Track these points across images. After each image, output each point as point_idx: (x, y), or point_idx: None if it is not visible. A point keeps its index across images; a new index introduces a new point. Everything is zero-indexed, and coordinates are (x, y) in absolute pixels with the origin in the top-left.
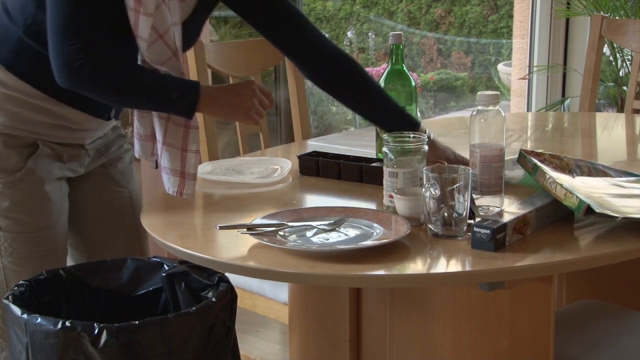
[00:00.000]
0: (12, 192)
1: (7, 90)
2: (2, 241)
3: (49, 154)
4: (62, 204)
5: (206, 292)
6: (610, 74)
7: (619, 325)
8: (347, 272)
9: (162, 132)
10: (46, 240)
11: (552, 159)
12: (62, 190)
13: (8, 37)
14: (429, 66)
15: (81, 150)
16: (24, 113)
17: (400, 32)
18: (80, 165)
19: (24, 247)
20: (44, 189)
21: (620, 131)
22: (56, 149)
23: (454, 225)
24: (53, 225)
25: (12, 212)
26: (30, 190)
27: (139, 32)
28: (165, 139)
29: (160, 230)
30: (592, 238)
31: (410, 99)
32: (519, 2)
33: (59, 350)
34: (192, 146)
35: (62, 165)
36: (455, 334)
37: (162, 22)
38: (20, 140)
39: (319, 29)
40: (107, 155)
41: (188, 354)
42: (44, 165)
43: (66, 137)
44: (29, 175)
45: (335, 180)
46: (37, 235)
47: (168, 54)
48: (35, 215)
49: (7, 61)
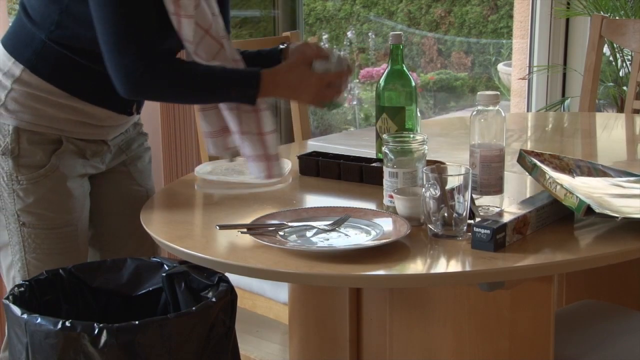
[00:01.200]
0: (35, 188)
1: (31, 89)
2: (26, 237)
3: (72, 150)
4: (84, 201)
5: (206, 292)
6: (610, 74)
7: (619, 325)
8: (347, 272)
9: (237, 122)
10: (69, 237)
11: (552, 159)
12: (84, 188)
13: (32, 39)
14: (429, 66)
15: (103, 147)
16: (47, 110)
17: (400, 32)
18: (102, 162)
19: (47, 244)
20: (67, 185)
21: (620, 131)
22: (79, 145)
23: (454, 225)
24: (75, 222)
25: (36, 208)
26: (54, 186)
27: (183, 34)
28: (240, 127)
29: (160, 230)
30: (592, 238)
31: (410, 99)
32: (519, 2)
33: (59, 350)
34: (267, 128)
35: (84, 161)
36: (455, 334)
37: (204, 19)
38: (44, 137)
39: None
40: (128, 152)
41: (188, 354)
42: (67, 162)
43: (89, 133)
44: (52, 172)
45: (335, 180)
46: (59, 231)
47: (217, 48)
48: (58, 211)
49: (31, 62)
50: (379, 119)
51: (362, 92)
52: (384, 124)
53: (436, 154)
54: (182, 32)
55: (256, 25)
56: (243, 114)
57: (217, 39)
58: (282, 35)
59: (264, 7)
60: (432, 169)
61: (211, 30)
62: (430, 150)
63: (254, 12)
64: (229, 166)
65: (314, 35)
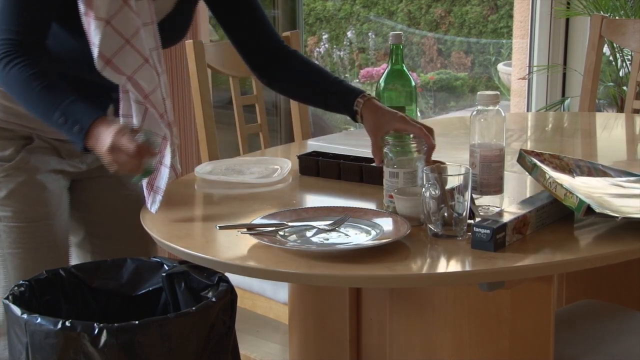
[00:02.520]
0: (7, 180)
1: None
2: (2, 232)
3: (45, 148)
4: (61, 196)
5: (206, 292)
6: (610, 74)
7: (619, 325)
8: (347, 272)
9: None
10: (45, 232)
11: (552, 159)
12: (60, 183)
13: None
14: (429, 66)
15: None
16: (17, 108)
17: (400, 32)
18: (82, 162)
19: (23, 238)
20: (39, 178)
21: (620, 131)
22: (53, 144)
23: (454, 225)
24: (51, 217)
25: (10, 201)
26: (26, 179)
27: (90, 37)
28: None
29: (160, 230)
30: (592, 238)
31: (410, 99)
32: (519, 2)
33: (59, 350)
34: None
35: (60, 159)
36: (455, 334)
37: (127, 26)
38: (15, 133)
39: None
40: None
41: (188, 354)
42: (39, 157)
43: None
44: (24, 164)
45: (335, 180)
46: (35, 225)
47: (139, 61)
48: (32, 204)
49: None
50: None
51: None
52: None
53: (436, 154)
54: (89, 34)
55: None
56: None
57: (140, 51)
58: (282, 35)
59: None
60: (432, 169)
61: (134, 41)
62: None
63: None
64: (229, 166)
65: (313, 35)
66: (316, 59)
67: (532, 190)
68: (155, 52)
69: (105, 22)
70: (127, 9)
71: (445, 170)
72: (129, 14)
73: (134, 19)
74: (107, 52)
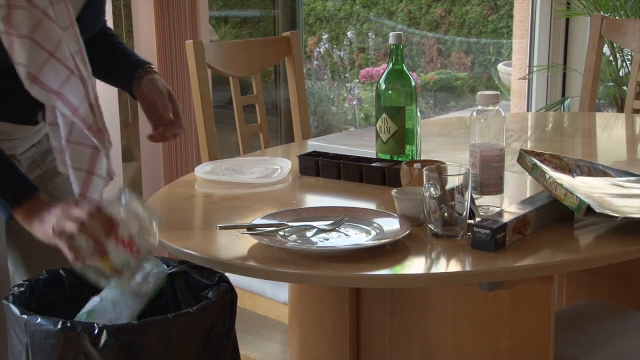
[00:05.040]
0: None
1: None
2: None
3: None
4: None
5: (206, 292)
6: (610, 74)
7: (619, 325)
8: (347, 272)
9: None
10: None
11: (552, 159)
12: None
13: None
14: (429, 66)
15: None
16: None
17: (400, 32)
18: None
19: None
20: None
21: (620, 131)
22: None
23: (454, 225)
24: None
25: None
26: None
27: (15, 57)
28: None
29: (160, 230)
30: (592, 238)
31: (410, 99)
32: (519, 2)
33: (59, 351)
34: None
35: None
36: (455, 334)
37: (49, 39)
38: None
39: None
40: (42, 166)
41: (188, 354)
42: None
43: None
44: None
45: (335, 180)
46: None
47: (65, 74)
48: None
49: None
50: (379, 118)
51: (362, 92)
52: (384, 123)
53: (436, 154)
54: (13, 54)
55: (256, 25)
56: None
57: (64, 63)
58: (282, 35)
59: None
60: (432, 168)
61: (58, 54)
62: (430, 150)
63: (254, 12)
64: (229, 166)
65: (313, 35)
66: (316, 59)
67: (532, 190)
68: (78, 55)
69: (27, 38)
70: (47, 20)
71: (445, 170)
72: (49, 25)
73: (55, 30)
74: (33, 69)
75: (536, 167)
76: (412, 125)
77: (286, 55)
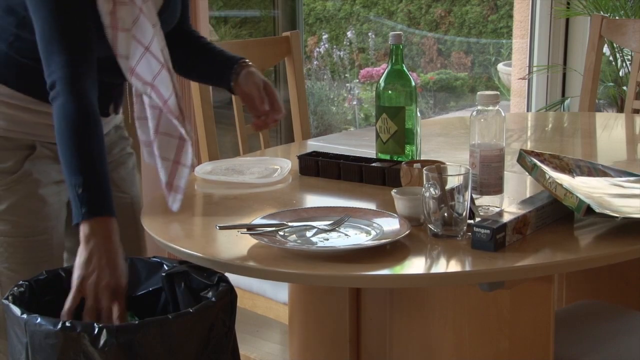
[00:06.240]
0: (8, 194)
1: (2, 97)
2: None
3: (47, 156)
4: (60, 209)
5: (206, 292)
6: (610, 74)
7: (619, 325)
8: (347, 272)
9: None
10: (43, 246)
11: (552, 159)
12: (61, 196)
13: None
14: (429, 66)
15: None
16: (20, 115)
17: (400, 32)
18: None
19: (20, 252)
20: (41, 192)
21: (620, 131)
22: (54, 150)
23: (454, 225)
24: (50, 231)
25: (10, 215)
26: (27, 192)
27: (118, 50)
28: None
29: (160, 230)
30: (592, 238)
31: (410, 99)
32: (519, 2)
33: (59, 350)
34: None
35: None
36: (455, 334)
37: (145, 34)
38: (17, 142)
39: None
40: (109, 157)
41: (188, 354)
42: (41, 168)
43: None
44: (26, 177)
45: (335, 180)
46: (34, 240)
47: (157, 67)
48: (32, 218)
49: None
50: (379, 118)
51: (362, 92)
52: (384, 123)
53: (436, 154)
54: (117, 47)
55: (256, 25)
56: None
57: (157, 57)
58: (282, 35)
59: (264, 7)
60: (432, 168)
61: (152, 48)
62: (430, 150)
63: (254, 12)
64: (229, 166)
65: (313, 35)
66: (316, 59)
67: (532, 190)
68: (165, 49)
69: (128, 32)
70: (142, 16)
71: (445, 170)
72: (144, 21)
73: (148, 25)
74: (132, 62)
75: (536, 167)
76: (412, 126)
77: (286, 55)
